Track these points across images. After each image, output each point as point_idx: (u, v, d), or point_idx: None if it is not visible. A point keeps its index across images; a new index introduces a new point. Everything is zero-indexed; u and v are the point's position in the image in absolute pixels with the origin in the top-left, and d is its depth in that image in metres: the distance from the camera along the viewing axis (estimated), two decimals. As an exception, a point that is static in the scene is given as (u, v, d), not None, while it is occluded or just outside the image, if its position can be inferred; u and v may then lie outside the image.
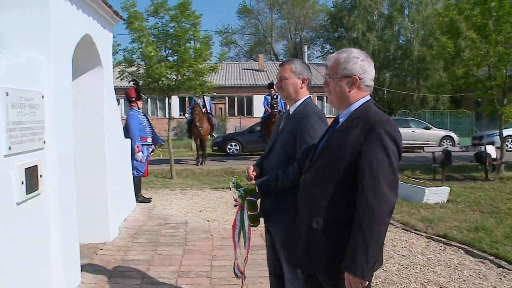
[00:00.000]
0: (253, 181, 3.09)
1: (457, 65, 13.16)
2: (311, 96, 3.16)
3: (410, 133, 20.17)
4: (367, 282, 2.09)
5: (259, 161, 3.27)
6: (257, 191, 3.03)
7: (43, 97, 3.70)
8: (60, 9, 3.97)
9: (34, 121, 3.54)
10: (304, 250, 2.31)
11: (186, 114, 17.47)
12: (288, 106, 3.23)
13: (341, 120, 2.35)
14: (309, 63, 34.65)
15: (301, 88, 3.07)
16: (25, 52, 3.60)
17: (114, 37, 6.39)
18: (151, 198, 8.64)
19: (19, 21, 3.64)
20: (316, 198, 2.27)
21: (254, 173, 3.15)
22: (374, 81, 2.36)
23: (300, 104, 3.07)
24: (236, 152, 18.86)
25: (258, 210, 3.12)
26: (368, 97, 2.33)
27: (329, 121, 2.60)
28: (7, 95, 3.10)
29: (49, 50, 3.75)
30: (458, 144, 20.03)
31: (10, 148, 3.13)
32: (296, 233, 2.38)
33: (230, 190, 3.25)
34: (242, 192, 3.09)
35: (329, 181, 2.23)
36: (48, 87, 3.77)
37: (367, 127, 2.15)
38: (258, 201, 3.12)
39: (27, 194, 3.36)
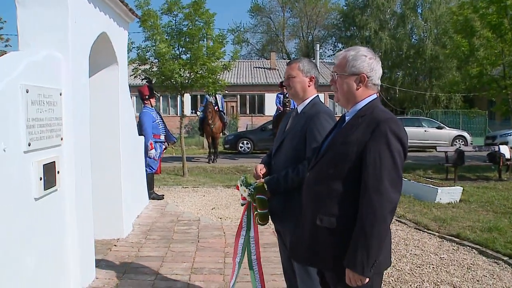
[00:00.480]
0: (262, 180, 3.11)
1: (471, 64, 13.09)
2: (319, 95, 3.16)
3: (422, 133, 20.08)
4: (367, 279, 2.10)
5: (266, 160, 3.29)
6: (266, 189, 3.04)
7: (61, 94, 3.76)
8: (78, 7, 4.02)
9: (52, 118, 3.60)
10: (309, 247, 2.32)
11: (198, 112, 17.54)
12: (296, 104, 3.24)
13: (347, 118, 2.35)
14: (321, 62, 34.56)
15: (308, 86, 3.09)
16: (44, 50, 3.65)
17: (128, 35, 6.43)
18: (163, 195, 8.70)
19: (38, 19, 3.69)
20: (320, 196, 2.28)
21: (263, 172, 3.17)
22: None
23: (309, 103, 3.08)
24: (248, 150, 18.90)
25: (267, 209, 3.12)
26: (375, 96, 2.33)
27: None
28: (27, 92, 3.15)
29: (67, 48, 3.80)
30: (471, 143, 19.88)
31: (29, 145, 3.18)
32: (301, 230, 2.39)
33: (238, 189, 3.26)
34: (252, 190, 3.10)
35: (333, 178, 2.23)
36: (66, 84, 3.82)
37: (372, 125, 2.14)
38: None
39: (45, 190, 3.41)
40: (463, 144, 19.12)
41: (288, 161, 2.99)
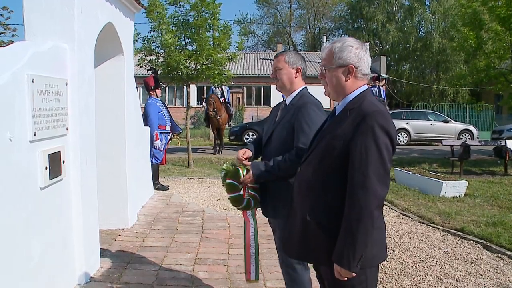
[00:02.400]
0: (245, 162, 3.14)
1: (479, 57, 12.99)
2: (306, 86, 3.17)
3: (429, 126, 20.04)
4: (354, 274, 2.08)
5: (253, 143, 3.31)
6: (241, 174, 3.08)
7: (66, 84, 3.77)
8: (84, -3, 4.01)
9: (58, 108, 3.61)
10: (300, 242, 2.31)
11: (203, 103, 17.56)
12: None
13: (337, 111, 2.32)
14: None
15: (295, 78, 3.11)
16: (50, 40, 3.65)
17: (134, 25, 6.42)
18: (168, 186, 8.73)
19: (45, 9, 3.69)
20: (309, 190, 2.27)
21: (246, 155, 3.18)
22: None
23: (296, 94, 3.10)
24: (253, 141, 18.84)
25: (240, 192, 3.15)
26: (365, 87, 2.28)
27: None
28: (33, 82, 3.17)
29: (73, 38, 3.80)
30: (477, 138, 19.80)
31: (35, 134, 3.20)
32: (292, 224, 2.37)
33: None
34: (223, 175, 3.18)
35: (322, 173, 2.21)
36: (72, 74, 3.83)
37: (359, 119, 2.10)
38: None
39: (50, 179, 3.43)
40: (469, 138, 19.06)
41: (277, 154, 2.98)
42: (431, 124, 20.17)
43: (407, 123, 19.93)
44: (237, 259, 4.77)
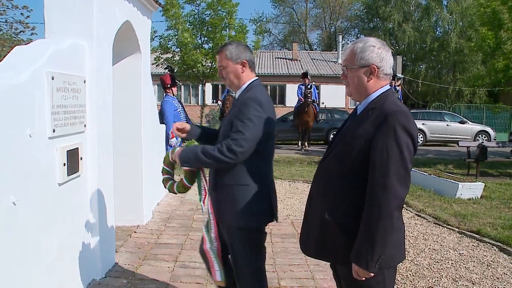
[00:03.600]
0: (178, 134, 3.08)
1: (497, 57, 12.84)
2: (258, 78, 3.00)
3: (445, 127, 19.86)
4: (372, 274, 2.08)
5: (203, 127, 3.23)
6: (170, 158, 3.09)
7: (85, 81, 3.81)
8: (103, -4, 4.05)
9: (76, 105, 3.65)
10: (318, 240, 2.31)
11: (218, 102, 17.60)
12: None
13: (358, 111, 2.31)
14: (343, 53, 34.30)
15: (242, 72, 2.91)
16: (69, 38, 3.69)
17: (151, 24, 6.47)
18: (183, 184, 8.74)
19: (64, 8, 3.73)
20: (328, 189, 2.26)
21: (180, 127, 3.06)
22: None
23: (244, 89, 2.93)
24: (268, 140, 18.83)
25: (169, 175, 3.27)
26: (387, 87, 2.26)
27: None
28: (52, 79, 3.20)
29: (92, 36, 3.84)
30: (494, 139, 19.58)
31: (54, 131, 3.24)
32: (310, 223, 2.37)
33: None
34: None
35: (341, 172, 2.20)
36: (90, 72, 3.87)
37: (380, 118, 2.09)
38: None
39: (68, 175, 3.47)
40: (486, 140, 18.85)
41: None
42: (447, 125, 19.99)
43: (423, 124, 19.76)
44: (251, 258, 4.77)
